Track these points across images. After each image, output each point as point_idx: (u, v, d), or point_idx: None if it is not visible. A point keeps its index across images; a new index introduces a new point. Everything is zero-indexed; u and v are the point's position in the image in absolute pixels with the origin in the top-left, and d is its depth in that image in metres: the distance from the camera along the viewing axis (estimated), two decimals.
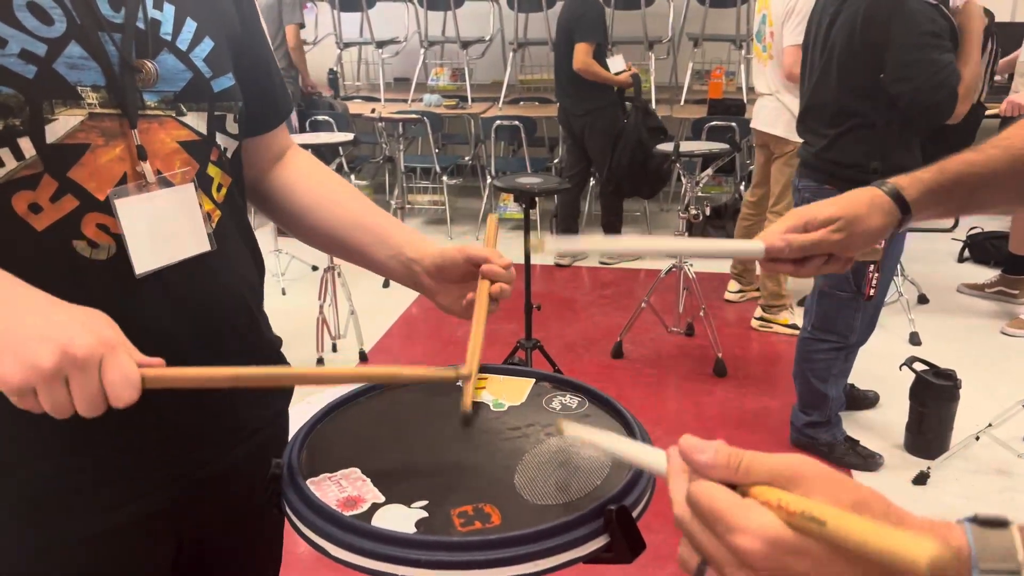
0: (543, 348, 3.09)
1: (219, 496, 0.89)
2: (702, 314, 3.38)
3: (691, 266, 3.48)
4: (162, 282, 0.78)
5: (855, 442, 2.67)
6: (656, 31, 5.86)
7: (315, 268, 4.44)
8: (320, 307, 3.44)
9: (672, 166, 4.42)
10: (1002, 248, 4.19)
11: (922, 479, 2.53)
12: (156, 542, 0.86)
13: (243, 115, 0.88)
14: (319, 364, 3.39)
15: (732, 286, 4.15)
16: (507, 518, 0.70)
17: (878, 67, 2.19)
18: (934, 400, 2.64)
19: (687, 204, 3.46)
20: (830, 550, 0.43)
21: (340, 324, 3.60)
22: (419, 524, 0.70)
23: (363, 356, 3.47)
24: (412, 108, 5.69)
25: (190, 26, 0.80)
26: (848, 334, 2.51)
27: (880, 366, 3.09)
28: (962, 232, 4.83)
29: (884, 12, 2.15)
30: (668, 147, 3.57)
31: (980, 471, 2.60)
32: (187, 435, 0.84)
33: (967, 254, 4.70)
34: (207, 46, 0.82)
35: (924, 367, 2.69)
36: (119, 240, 0.75)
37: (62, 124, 0.70)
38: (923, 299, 4.05)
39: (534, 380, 0.98)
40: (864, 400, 3.02)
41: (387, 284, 4.25)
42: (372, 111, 5.29)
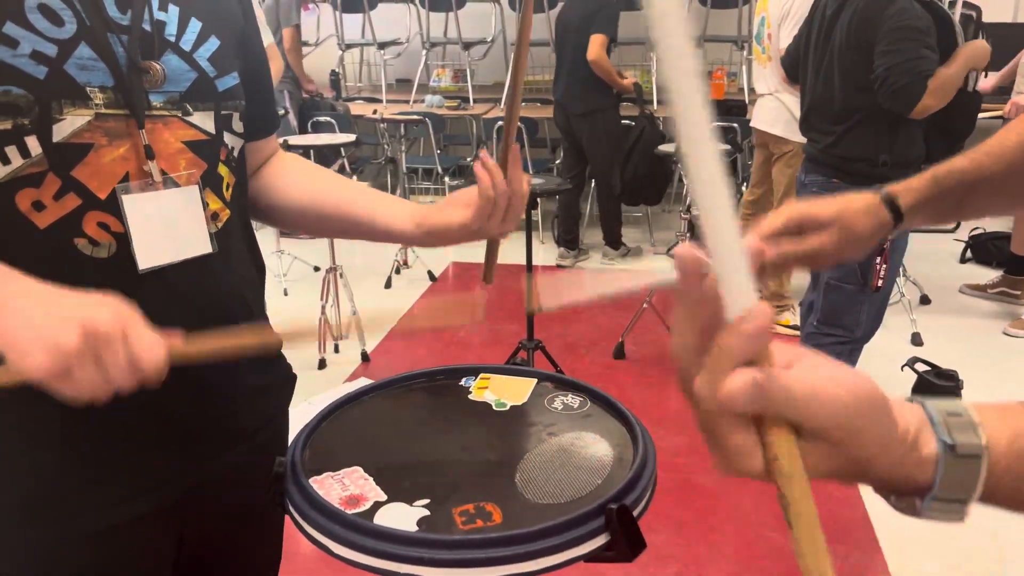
0: (545, 349, 3.09)
1: (220, 495, 0.89)
2: None
3: None
4: (163, 280, 0.79)
5: None
6: None
7: (317, 269, 4.44)
8: (322, 307, 3.45)
9: (674, 167, 4.43)
10: (1004, 249, 4.19)
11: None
12: (157, 540, 0.86)
13: (246, 115, 0.88)
14: (321, 365, 3.40)
15: None
16: (508, 517, 0.71)
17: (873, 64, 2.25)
18: None
19: (689, 205, 3.46)
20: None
21: (342, 325, 3.60)
22: (421, 522, 0.70)
23: (365, 356, 3.48)
24: (414, 109, 5.69)
25: (195, 26, 0.81)
26: (854, 328, 2.52)
27: (882, 367, 3.09)
28: (964, 233, 4.83)
29: (877, 10, 2.23)
30: (669, 148, 3.57)
31: None
32: (188, 434, 0.85)
33: (969, 255, 4.70)
34: (212, 45, 0.83)
35: (926, 368, 2.69)
36: (119, 238, 0.76)
37: (69, 124, 0.71)
38: (925, 300, 4.05)
39: (536, 380, 0.98)
40: None
41: (389, 285, 4.25)
42: (374, 112, 5.30)
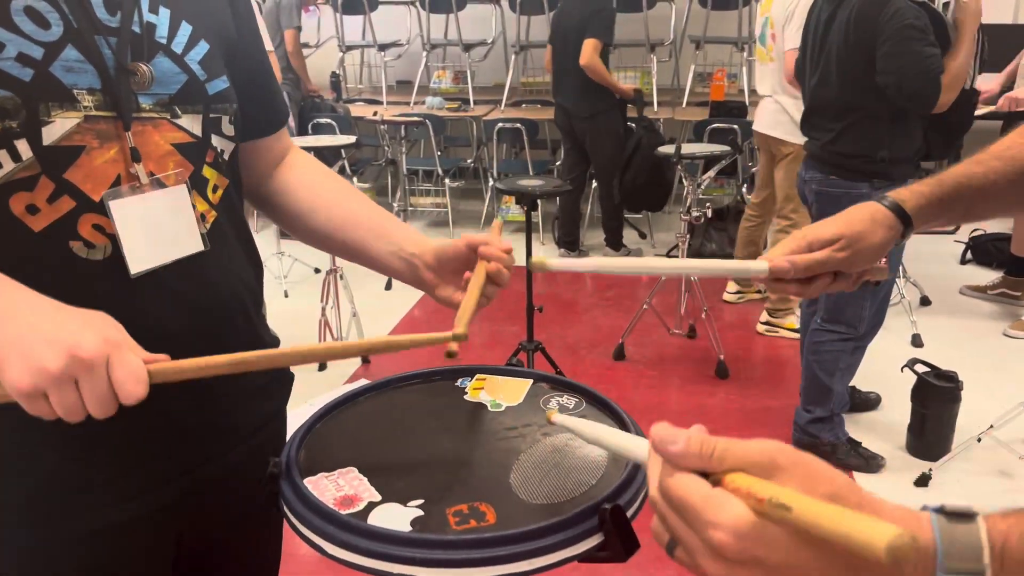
0: (545, 350, 3.10)
1: (218, 495, 0.90)
2: (704, 316, 3.38)
3: None
4: (158, 281, 0.79)
5: (857, 443, 2.67)
6: (658, 34, 5.86)
7: (317, 270, 4.45)
8: (322, 309, 3.45)
9: (674, 170, 4.43)
10: (1005, 250, 4.19)
11: (924, 481, 2.53)
12: (155, 540, 0.86)
13: (238, 117, 0.89)
14: (320, 367, 3.40)
15: (731, 287, 4.16)
16: (502, 517, 0.71)
17: (873, 63, 2.26)
18: (936, 402, 2.63)
19: (689, 206, 3.46)
20: (799, 540, 0.43)
21: (342, 326, 3.61)
22: (415, 523, 0.70)
23: (364, 358, 3.48)
24: (414, 111, 5.70)
25: (185, 29, 0.81)
26: (856, 324, 2.53)
27: (882, 368, 3.09)
28: (964, 234, 4.82)
29: (874, 10, 2.24)
30: (669, 149, 3.58)
31: (982, 473, 2.59)
32: (185, 434, 0.85)
33: (969, 256, 4.70)
34: (202, 49, 0.83)
35: (926, 369, 2.69)
36: (115, 240, 0.76)
37: (59, 126, 0.71)
38: (925, 301, 4.04)
39: (532, 381, 0.99)
40: (866, 402, 3.02)
41: (389, 286, 4.26)
42: (374, 114, 5.30)
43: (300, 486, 0.75)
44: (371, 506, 0.73)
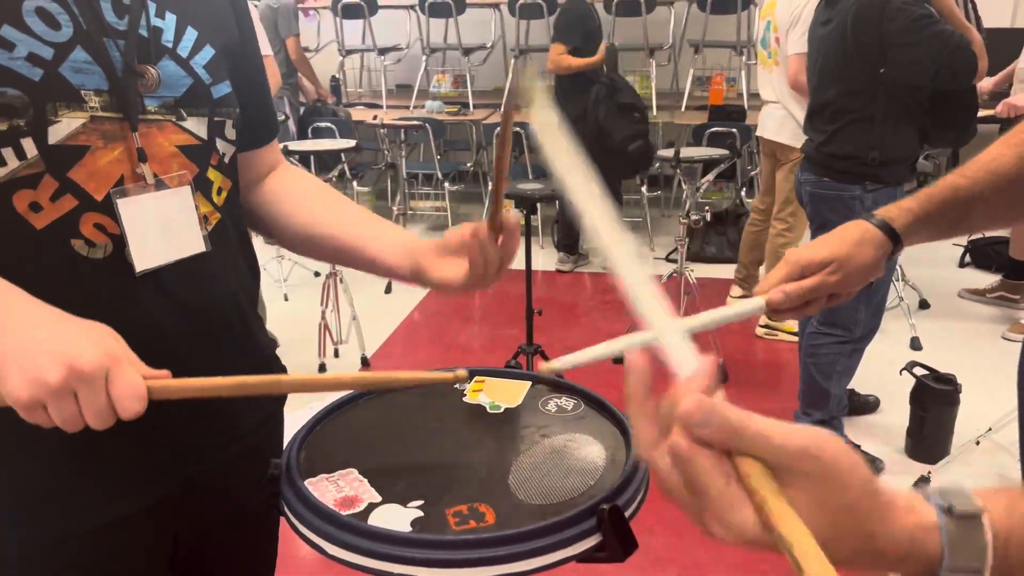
0: (544, 353, 3.10)
1: (214, 495, 0.90)
2: None
3: (692, 271, 3.49)
4: (158, 281, 0.80)
5: (856, 446, 2.67)
6: (657, 38, 5.88)
7: (317, 274, 4.45)
8: (322, 312, 3.45)
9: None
10: (1003, 253, 4.19)
11: (923, 483, 2.53)
12: (151, 539, 0.87)
13: (240, 123, 0.89)
14: (321, 369, 3.40)
15: (734, 291, 4.16)
16: (501, 517, 0.71)
17: (873, 65, 2.27)
18: (935, 405, 2.64)
19: (688, 210, 3.47)
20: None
21: (342, 329, 3.61)
22: (415, 523, 0.71)
23: (365, 361, 3.48)
24: (414, 115, 5.71)
25: (191, 34, 0.82)
26: (852, 326, 2.53)
27: (881, 371, 3.09)
28: (963, 237, 4.83)
29: (873, 12, 2.25)
30: (668, 153, 3.59)
31: (981, 476, 2.60)
32: (181, 434, 0.85)
33: (968, 259, 4.71)
34: (207, 54, 0.84)
35: (925, 372, 2.70)
36: (115, 239, 0.77)
37: (65, 126, 0.72)
38: (924, 304, 4.05)
39: (530, 383, 0.99)
40: (865, 405, 3.02)
41: (389, 290, 4.26)
42: (374, 118, 5.31)
43: (301, 487, 0.75)
44: (371, 507, 0.73)
